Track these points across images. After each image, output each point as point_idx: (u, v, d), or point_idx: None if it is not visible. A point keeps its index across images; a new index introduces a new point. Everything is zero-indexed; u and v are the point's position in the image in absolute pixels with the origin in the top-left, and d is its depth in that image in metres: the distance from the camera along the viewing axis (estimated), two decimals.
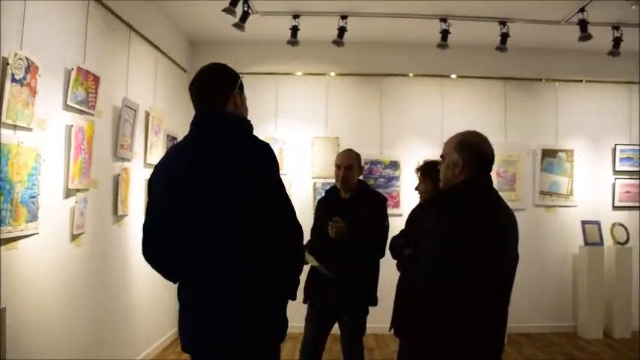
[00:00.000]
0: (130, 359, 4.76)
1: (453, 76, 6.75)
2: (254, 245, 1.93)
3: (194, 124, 2.15)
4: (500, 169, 6.62)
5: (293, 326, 2.03)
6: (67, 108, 3.55)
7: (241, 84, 2.22)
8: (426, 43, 6.03)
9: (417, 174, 3.69)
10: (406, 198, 6.35)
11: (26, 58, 3.00)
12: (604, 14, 5.51)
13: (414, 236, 2.60)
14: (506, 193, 6.52)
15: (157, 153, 5.22)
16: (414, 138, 6.54)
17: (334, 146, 6.25)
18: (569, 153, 6.81)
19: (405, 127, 6.63)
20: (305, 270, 3.69)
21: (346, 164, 3.76)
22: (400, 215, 5.94)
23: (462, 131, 2.47)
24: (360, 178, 3.96)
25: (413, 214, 3.62)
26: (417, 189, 3.67)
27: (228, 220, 1.94)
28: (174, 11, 5.65)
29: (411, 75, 6.70)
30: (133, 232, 4.71)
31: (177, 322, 2.12)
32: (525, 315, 6.51)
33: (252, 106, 2.25)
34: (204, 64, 2.22)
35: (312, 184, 6.44)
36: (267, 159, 2.03)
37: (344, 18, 5.66)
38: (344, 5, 5.52)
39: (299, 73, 6.64)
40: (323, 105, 6.58)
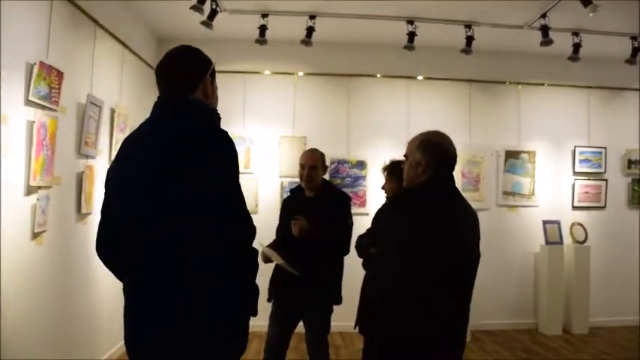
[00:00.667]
0: (94, 359, 4.69)
1: (419, 78, 6.83)
2: (203, 243, 1.78)
3: (156, 107, 1.98)
4: (465, 169, 6.74)
5: (257, 325, 1.94)
6: (28, 103, 3.47)
7: (214, 70, 2.07)
8: (394, 44, 6.09)
9: (383, 173, 3.73)
10: (373, 197, 6.41)
11: None
12: (564, 20, 5.65)
13: (379, 235, 2.62)
14: (471, 193, 6.65)
15: None
16: (380, 138, 6.60)
17: (301, 145, 6.25)
18: (531, 154, 6.96)
19: (372, 127, 6.68)
20: (269, 268, 3.73)
21: (310, 164, 3.78)
22: (367, 214, 5.99)
23: (425, 131, 2.49)
24: (325, 177, 3.97)
25: (378, 213, 3.66)
26: (383, 188, 3.72)
27: (178, 218, 1.78)
28: (141, 7, 5.58)
29: (379, 76, 6.76)
30: (96, 231, 4.63)
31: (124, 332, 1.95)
32: (488, 312, 6.65)
33: (220, 105, 2.15)
34: None
35: (279, 183, 6.43)
36: (228, 155, 1.87)
37: (312, 18, 5.67)
38: (312, 5, 5.54)
39: (267, 72, 6.64)
40: (291, 104, 6.59)
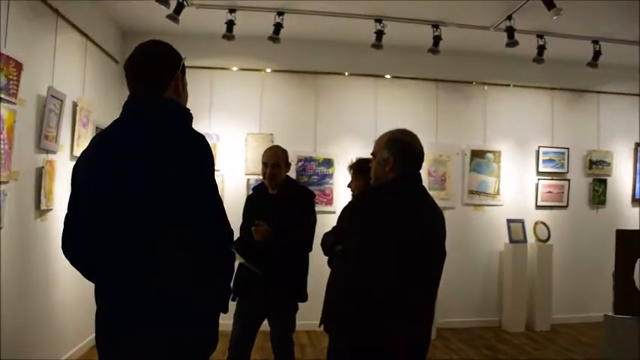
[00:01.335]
0: (55, 359, 4.57)
1: (387, 76, 6.85)
2: (179, 246, 1.76)
3: (128, 106, 1.93)
4: (432, 168, 6.78)
5: (221, 324, 1.93)
6: None
7: (184, 66, 2.03)
8: (362, 42, 6.07)
9: (349, 171, 3.73)
10: (340, 195, 6.40)
11: None
12: (530, 23, 5.74)
13: (345, 232, 2.61)
14: (437, 192, 6.70)
15: (85, 145, 5.00)
16: (347, 136, 6.59)
17: (268, 143, 6.19)
18: (496, 154, 7.05)
19: (340, 125, 6.68)
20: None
21: (273, 161, 3.75)
22: (334, 212, 5.99)
23: (393, 129, 2.51)
24: (289, 174, 3.95)
25: (344, 210, 3.65)
26: (349, 186, 3.71)
27: (152, 219, 1.75)
28: None
29: (347, 74, 6.75)
30: (58, 228, 4.44)
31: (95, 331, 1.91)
32: (453, 310, 6.72)
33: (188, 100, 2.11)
34: None
35: (245, 180, 6.37)
36: (203, 156, 1.86)
37: (280, 14, 5.63)
38: (281, 1, 5.49)
39: (235, 68, 6.56)
40: (258, 101, 6.53)
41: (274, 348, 3.87)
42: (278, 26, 5.67)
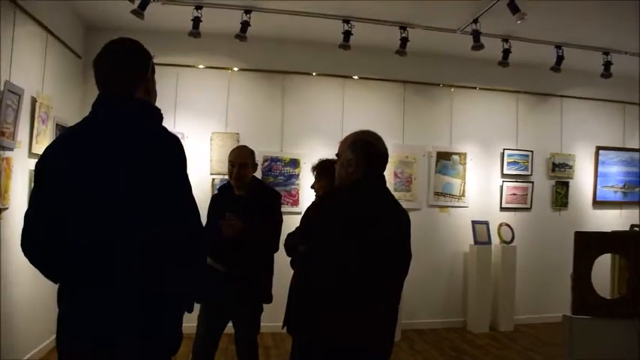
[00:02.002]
0: None
1: (354, 77, 6.84)
2: (150, 249, 1.74)
3: (99, 105, 1.90)
4: (398, 169, 6.80)
5: (185, 326, 1.89)
6: None
7: (153, 66, 2.03)
8: (330, 42, 6.07)
9: (312, 173, 3.70)
10: (306, 196, 6.36)
11: None
12: (495, 26, 5.81)
13: (308, 233, 2.59)
14: (403, 193, 6.73)
15: (45, 142, 4.86)
16: (314, 136, 6.56)
17: (234, 142, 6.13)
18: (462, 156, 7.11)
19: (306, 125, 6.64)
20: None
21: (240, 161, 3.70)
22: (299, 213, 5.92)
23: (357, 130, 2.51)
24: (255, 174, 3.90)
25: (308, 211, 3.63)
26: (312, 187, 3.69)
27: (122, 220, 1.73)
28: None
29: (314, 74, 6.73)
30: (14, 227, 4.33)
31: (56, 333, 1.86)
32: (418, 311, 6.77)
33: None
34: None
35: (210, 180, 6.28)
36: (176, 155, 1.86)
37: (248, 13, 5.57)
38: (248, 0, 5.45)
39: (201, 66, 6.46)
40: (224, 100, 6.45)
41: (238, 350, 3.81)
42: (245, 24, 5.61)
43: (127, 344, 1.75)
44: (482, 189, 7.23)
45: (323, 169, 3.51)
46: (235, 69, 6.53)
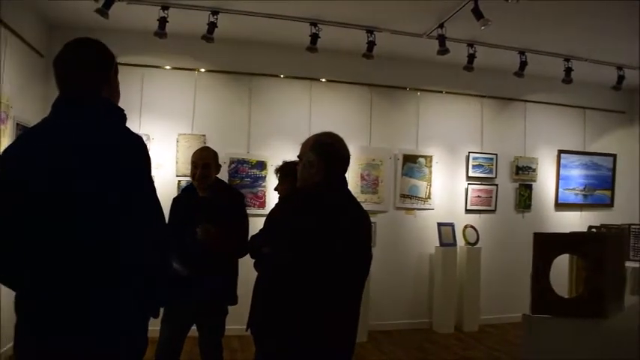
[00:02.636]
0: None
1: (322, 80, 6.86)
2: (113, 253, 1.69)
3: (59, 105, 1.84)
4: (364, 172, 6.83)
5: (149, 330, 1.85)
6: None
7: (117, 66, 1.98)
8: (297, 45, 6.07)
9: (276, 175, 3.70)
10: (272, 198, 6.30)
11: None
12: (461, 32, 5.89)
13: (271, 235, 2.59)
14: (370, 195, 6.77)
15: (4, 143, 4.75)
16: (281, 139, 6.53)
17: (200, 144, 6.07)
18: (428, 159, 7.19)
19: (273, 127, 6.62)
20: None
21: (203, 162, 3.67)
22: (266, 215, 5.93)
23: (319, 132, 2.52)
24: (218, 176, 3.87)
25: (271, 213, 3.64)
26: (276, 189, 3.68)
27: (85, 222, 1.68)
28: None
29: (282, 76, 6.72)
30: None
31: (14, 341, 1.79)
32: (385, 312, 6.81)
33: None
34: None
35: (175, 182, 6.21)
36: (140, 157, 1.81)
37: (215, 14, 5.54)
38: (215, 1, 5.41)
39: (167, 67, 6.39)
40: (190, 101, 6.39)
41: (203, 353, 3.77)
42: (212, 25, 5.58)
43: (89, 350, 1.70)
44: (447, 191, 7.32)
45: (286, 171, 3.52)
46: (202, 70, 6.48)
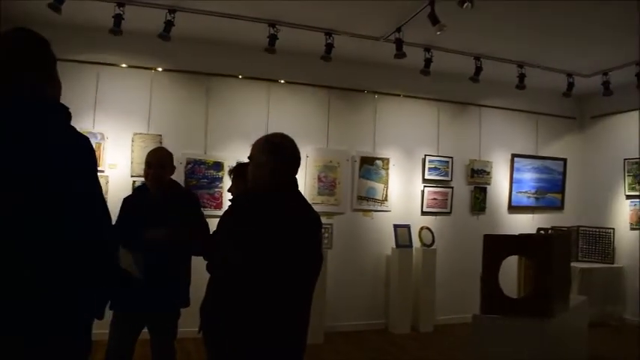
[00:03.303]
0: None
1: (281, 81, 6.85)
2: (57, 252, 1.65)
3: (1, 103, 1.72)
4: (322, 173, 6.85)
5: (98, 333, 1.81)
6: None
7: (54, 55, 1.85)
8: (256, 45, 6.04)
9: (229, 176, 3.69)
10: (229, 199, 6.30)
11: None
12: (418, 36, 5.98)
13: (222, 237, 2.58)
14: (327, 197, 6.79)
15: None
16: (239, 140, 6.45)
17: (156, 144, 5.97)
18: (385, 161, 7.27)
19: (231, 128, 6.57)
20: None
21: (157, 162, 3.63)
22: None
23: (270, 133, 2.53)
24: (172, 177, 3.83)
25: (223, 215, 3.61)
26: (229, 190, 3.67)
27: (28, 221, 1.63)
28: None
29: (240, 77, 6.69)
30: None
31: None
32: (341, 313, 6.84)
33: (69, 96, 1.93)
34: None
35: (130, 182, 6.06)
36: (85, 156, 1.76)
37: (172, 12, 5.47)
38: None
39: (123, 65, 6.26)
40: (146, 100, 6.28)
41: (155, 357, 3.70)
42: (169, 24, 5.50)
43: (30, 353, 1.65)
44: (404, 193, 7.41)
45: (239, 172, 3.51)
46: (159, 69, 6.38)
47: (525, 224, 8.05)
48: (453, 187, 7.66)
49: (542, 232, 5.36)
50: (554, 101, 8.25)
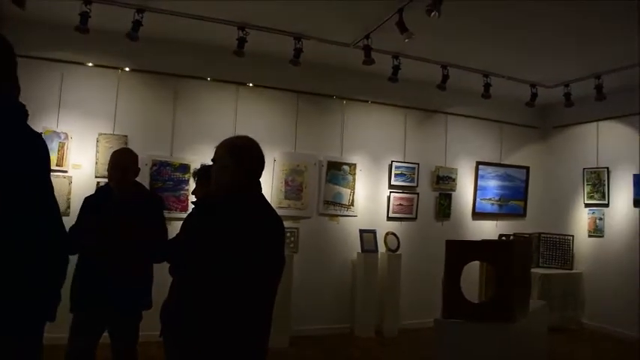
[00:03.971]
0: None
1: (249, 85, 6.84)
2: (8, 251, 1.63)
3: None
4: (289, 178, 6.85)
5: (58, 337, 1.77)
6: None
7: (14, 56, 1.84)
8: (225, 48, 6.01)
9: (193, 178, 3.67)
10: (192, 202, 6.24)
11: None
12: (387, 43, 6.03)
13: (186, 240, 2.56)
14: (293, 201, 6.80)
15: None
16: (206, 142, 6.33)
17: (122, 145, 5.88)
18: (352, 166, 7.31)
19: (198, 130, 6.51)
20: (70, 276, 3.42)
21: (122, 164, 3.58)
22: None
23: (234, 135, 2.53)
24: (137, 179, 3.79)
25: (186, 218, 3.59)
26: (193, 193, 3.65)
27: None
28: None
29: (209, 79, 6.65)
30: None
31: None
32: (307, 318, 6.84)
33: (32, 94, 1.89)
34: None
35: (95, 183, 5.91)
36: (38, 156, 1.74)
37: (140, 12, 5.41)
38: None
39: (90, 64, 6.15)
40: (112, 100, 6.18)
41: None
42: (137, 24, 5.44)
43: None
44: (370, 199, 7.47)
45: (203, 174, 3.49)
46: (126, 69, 6.29)
47: (489, 230, 8.20)
48: (418, 193, 7.75)
49: (503, 238, 5.46)
50: (518, 111, 8.43)
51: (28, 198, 1.70)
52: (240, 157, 2.38)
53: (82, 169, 5.99)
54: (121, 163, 3.59)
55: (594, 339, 7.33)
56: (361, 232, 7.16)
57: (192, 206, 5.90)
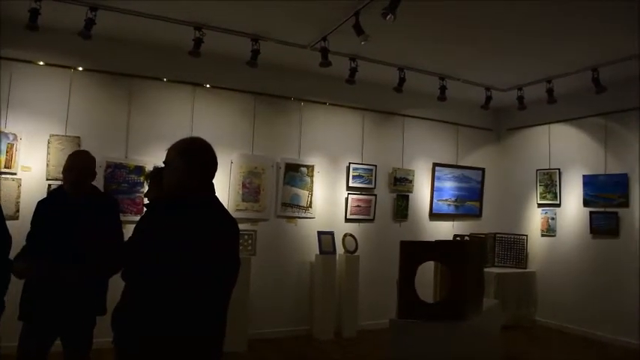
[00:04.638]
0: None
1: (206, 86, 6.77)
2: None
3: None
4: (246, 180, 6.80)
5: (7, 346, 1.71)
6: None
7: None
8: (182, 48, 5.95)
9: (146, 181, 3.61)
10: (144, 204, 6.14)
11: None
12: (344, 46, 6.08)
13: (138, 243, 2.52)
14: (251, 203, 6.76)
15: None
16: (162, 144, 6.08)
17: (74, 146, 5.75)
18: (309, 168, 7.32)
19: (154, 131, 6.39)
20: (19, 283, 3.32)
21: (78, 167, 3.48)
22: None
23: (186, 137, 2.50)
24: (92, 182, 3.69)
25: (139, 221, 3.53)
26: (146, 195, 3.59)
27: None
28: None
29: (165, 80, 6.55)
30: None
31: None
32: (265, 320, 6.82)
33: None
34: None
35: (46, 186, 5.74)
36: None
37: (93, 10, 5.27)
38: None
39: (41, 62, 5.96)
40: (65, 100, 6.01)
41: None
42: (90, 22, 5.29)
43: None
44: (328, 201, 7.49)
45: (156, 176, 3.44)
46: (79, 69, 6.13)
47: (446, 231, 8.33)
48: (376, 195, 7.82)
49: (458, 238, 5.55)
50: (473, 113, 8.60)
51: None
52: (191, 158, 2.35)
53: (32, 171, 5.80)
54: (78, 166, 3.49)
55: (546, 336, 7.53)
56: (319, 233, 7.17)
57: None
